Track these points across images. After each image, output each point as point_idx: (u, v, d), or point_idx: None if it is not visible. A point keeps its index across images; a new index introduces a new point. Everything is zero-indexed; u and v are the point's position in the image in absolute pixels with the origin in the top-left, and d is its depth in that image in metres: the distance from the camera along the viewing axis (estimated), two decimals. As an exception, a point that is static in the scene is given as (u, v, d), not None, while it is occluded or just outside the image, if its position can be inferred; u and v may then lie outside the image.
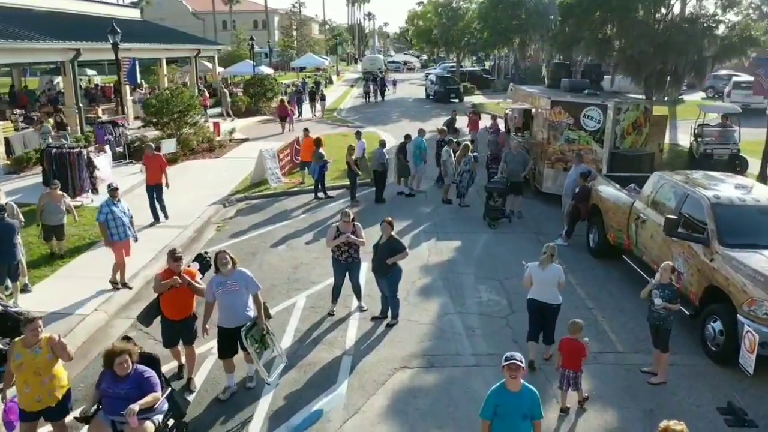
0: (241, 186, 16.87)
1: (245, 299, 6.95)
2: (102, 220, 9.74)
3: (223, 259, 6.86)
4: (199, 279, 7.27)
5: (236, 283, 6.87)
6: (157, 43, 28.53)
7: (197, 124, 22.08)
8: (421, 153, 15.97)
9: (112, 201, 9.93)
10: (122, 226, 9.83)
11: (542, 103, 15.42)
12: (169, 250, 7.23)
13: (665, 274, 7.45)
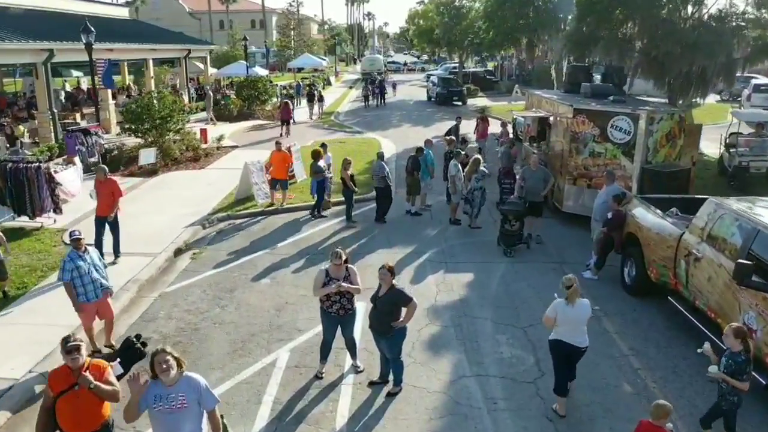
0: (224, 202, 15.13)
1: (195, 421, 4.79)
2: (66, 279, 7.69)
3: (162, 363, 4.64)
4: (113, 376, 5.13)
5: (183, 397, 4.70)
6: (142, 43, 26.76)
7: (181, 131, 20.35)
8: (427, 167, 14.24)
9: (76, 253, 7.81)
10: (91, 284, 7.79)
11: (562, 111, 13.69)
12: (62, 339, 4.97)
13: (732, 341, 5.83)
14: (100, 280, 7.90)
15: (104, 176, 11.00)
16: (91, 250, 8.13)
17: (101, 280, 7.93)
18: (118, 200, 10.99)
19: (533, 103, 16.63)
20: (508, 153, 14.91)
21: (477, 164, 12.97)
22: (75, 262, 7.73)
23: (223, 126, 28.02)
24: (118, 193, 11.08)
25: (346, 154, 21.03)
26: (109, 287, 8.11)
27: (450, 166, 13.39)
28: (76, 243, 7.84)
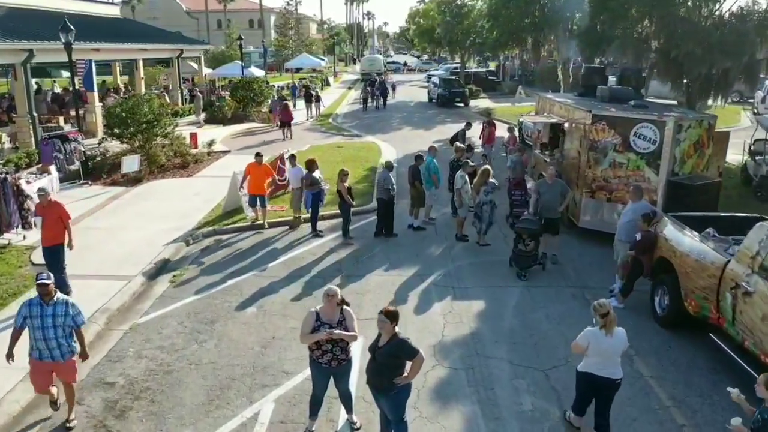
0: (211, 215, 13.98)
1: None
2: (18, 325, 6.30)
3: None
4: None
5: None
6: (131, 43, 25.59)
7: (169, 135, 19.19)
8: (431, 176, 13.09)
9: (39, 301, 6.25)
10: (50, 341, 6.21)
11: (579, 117, 12.54)
12: None
13: (764, 391, 4.90)
14: (62, 339, 6.27)
15: (47, 200, 9.34)
16: (62, 300, 6.36)
17: (65, 345, 6.32)
18: (67, 224, 9.39)
19: (544, 107, 15.48)
20: (519, 162, 13.77)
21: (486, 176, 11.81)
22: (31, 308, 6.22)
23: (216, 129, 26.87)
24: (66, 216, 9.37)
25: (344, 160, 20.01)
26: (75, 350, 6.49)
27: (456, 177, 12.22)
28: (42, 290, 6.22)
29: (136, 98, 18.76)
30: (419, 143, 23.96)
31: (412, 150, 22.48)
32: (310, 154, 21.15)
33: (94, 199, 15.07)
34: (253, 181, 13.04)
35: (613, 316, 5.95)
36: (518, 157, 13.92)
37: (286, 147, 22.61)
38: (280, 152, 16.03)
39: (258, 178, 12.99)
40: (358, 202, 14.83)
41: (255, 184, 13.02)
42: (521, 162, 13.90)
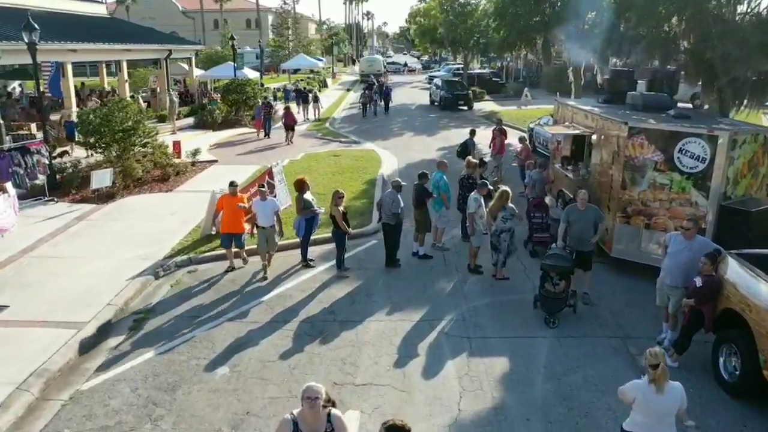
0: (188, 239, 12.25)
1: None
2: None
3: None
4: None
5: None
6: (114, 43, 23.86)
7: (148, 144, 17.46)
8: (440, 195, 11.40)
9: None
10: None
11: (611, 129, 10.82)
12: None
13: None
14: None
15: None
16: None
17: None
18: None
19: (564, 115, 13.76)
20: (540, 180, 12.05)
21: (505, 199, 10.08)
22: None
23: (204, 135, 25.17)
24: None
25: (340, 171, 18.31)
26: None
27: (469, 200, 10.48)
28: None
29: (111, 104, 16.99)
30: (422, 150, 22.28)
31: (415, 159, 20.82)
32: (304, 163, 19.53)
33: (57, 220, 13.35)
34: (227, 217, 10.66)
35: (664, 370, 5.09)
36: (539, 174, 12.19)
37: (280, 155, 20.96)
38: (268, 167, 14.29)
39: (233, 214, 10.60)
40: (355, 223, 13.14)
41: (229, 221, 10.61)
42: (542, 179, 12.19)
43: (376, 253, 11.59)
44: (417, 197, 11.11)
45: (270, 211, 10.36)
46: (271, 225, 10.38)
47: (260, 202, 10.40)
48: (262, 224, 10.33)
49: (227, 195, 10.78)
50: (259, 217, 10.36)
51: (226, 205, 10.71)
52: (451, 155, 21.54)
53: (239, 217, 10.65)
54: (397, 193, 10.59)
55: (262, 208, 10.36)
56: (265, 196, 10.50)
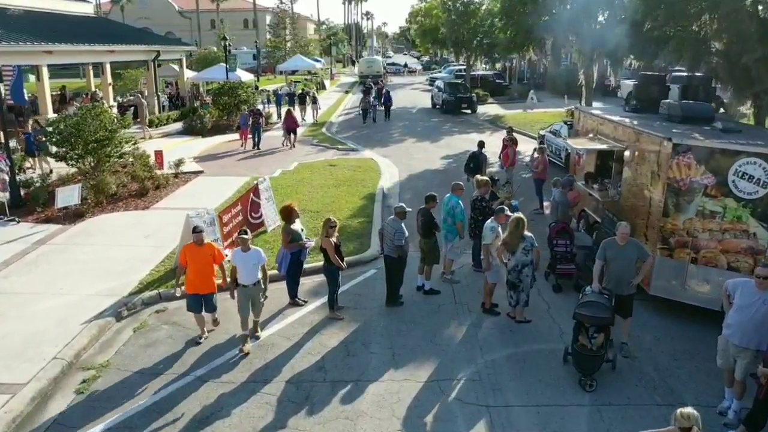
0: (161, 269, 10.72)
1: None
2: None
3: None
4: None
5: None
6: (96, 44, 22.32)
7: (125, 156, 15.95)
8: (455, 223, 9.86)
9: None
10: None
11: (650, 144, 9.28)
12: None
13: None
14: None
15: None
16: None
17: None
18: None
19: (588, 126, 12.22)
20: (564, 202, 10.50)
21: (521, 227, 8.53)
22: None
23: (193, 142, 23.67)
24: None
25: (336, 184, 16.76)
26: None
27: (485, 229, 8.93)
28: None
29: (83, 111, 15.45)
30: (424, 159, 20.76)
31: (417, 169, 19.29)
32: (297, 174, 18.00)
33: (14, 245, 11.82)
34: (193, 274, 8.11)
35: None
36: (562, 196, 10.64)
37: (271, 165, 19.46)
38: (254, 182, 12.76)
39: (201, 269, 8.10)
40: (351, 247, 11.64)
41: (197, 279, 8.10)
42: (566, 203, 10.63)
43: (376, 286, 10.06)
44: (423, 225, 9.56)
45: (254, 264, 8.04)
46: (255, 282, 8.05)
47: (241, 254, 8.03)
48: (245, 281, 7.98)
49: (192, 245, 8.16)
50: (241, 272, 7.99)
51: (192, 257, 8.09)
52: (456, 165, 20.11)
53: (209, 273, 8.19)
54: (400, 221, 9.03)
55: (244, 261, 7.99)
56: (247, 245, 8.07)
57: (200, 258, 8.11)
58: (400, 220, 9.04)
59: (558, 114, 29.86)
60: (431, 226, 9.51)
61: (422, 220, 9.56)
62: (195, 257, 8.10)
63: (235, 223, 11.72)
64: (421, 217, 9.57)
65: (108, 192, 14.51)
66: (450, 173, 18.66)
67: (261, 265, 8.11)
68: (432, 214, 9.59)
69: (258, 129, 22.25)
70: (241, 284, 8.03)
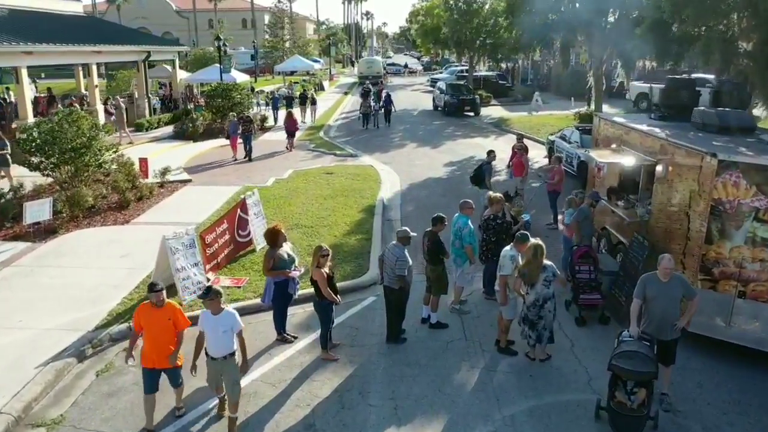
0: (134, 296, 9.57)
1: None
2: None
3: None
4: None
5: None
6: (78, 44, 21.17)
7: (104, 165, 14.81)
8: (463, 245, 8.72)
9: None
10: None
11: (688, 159, 8.13)
12: None
13: None
14: None
15: None
16: None
17: None
18: None
19: (610, 135, 11.05)
20: (587, 217, 9.35)
21: (540, 254, 7.38)
22: None
23: (183, 147, 22.53)
24: None
25: (333, 194, 15.57)
26: None
27: (503, 258, 7.75)
28: None
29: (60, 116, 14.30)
30: (427, 166, 19.63)
31: (419, 177, 18.14)
32: (290, 183, 16.84)
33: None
34: (148, 342, 6.29)
35: None
36: (587, 210, 9.48)
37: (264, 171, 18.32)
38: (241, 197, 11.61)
39: (158, 336, 6.23)
40: (348, 269, 10.51)
41: (152, 350, 6.27)
42: (589, 217, 9.48)
43: (375, 318, 8.93)
44: (430, 250, 8.40)
45: (225, 331, 6.14)
46: (227, 354, 6.20)
47: (210, 316, 6.14)
48: (214, 353, 6.19)
49: (148, 306, 6.31)
50: (209, 340, 6.18)
51: (148, 322, 6.23)
52: (460, 172, 18.96)
53: (168, 342, 6.25)
54: (403, 247, 7.87)
55: (214, 326, 6.12)
56: (218, 305, 6.12)
57: (158, 323, 6.19)
58: (402, 247, 7.88)
59: (564, 117, 28.71)
60: (439, 252, 8.35)
61: (429, 245, 8.40)
62: (151, 322, 6.21)
63: (221, 243, 10.60)
64: (428, 242, 8.41)
65: (84, 205, 13.35)
66: (454, 182, 17.55)
67: (237, 332, 6.21)
68: (440, 238, 8.44)
69: (248, 138, 20.39)
70: (210, 356, 6.23)
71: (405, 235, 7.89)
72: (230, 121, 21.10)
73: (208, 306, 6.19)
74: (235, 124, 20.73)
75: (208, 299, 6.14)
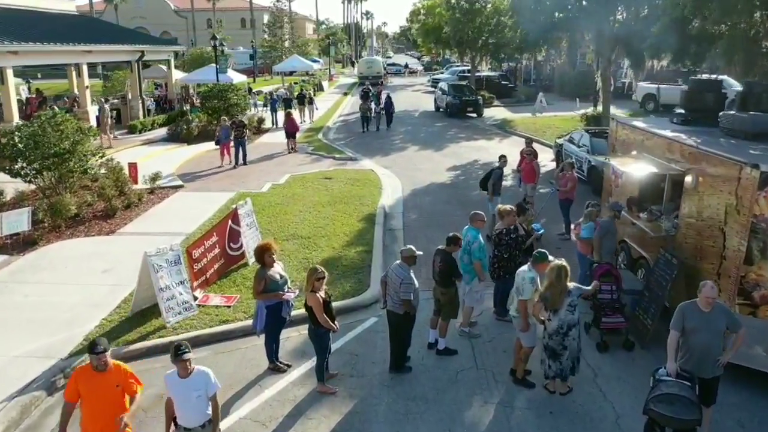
0: (113, 318, 8.78)
1: None
2: None
3: None
4: None
5: None
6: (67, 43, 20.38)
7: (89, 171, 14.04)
8: (472, 261, 7.95)
9: None
10: None
11: (723, 170, 7.35)
12: None
13: None
14: None
15: None
16: None
17: None
18: None
19: (630, 141, 10.26)
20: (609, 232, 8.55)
21: (564, 276, 6.60)
22: None
23: (177, 150, 21.75)
24: None
25: (331, 202, 14.74)
26: None
27: (519, 278, 6.94)
28: None
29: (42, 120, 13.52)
30: (430, 171, 18.85)
31: (422, 182, 17.35)
32: (287, 189, 16.05)
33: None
34: (87, 414, 5.10)
35: None
36: (610, 224, 8.69)
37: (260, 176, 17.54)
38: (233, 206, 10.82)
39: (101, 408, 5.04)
40: (348, 287, 9.73)
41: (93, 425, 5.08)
42: (614, 233, 8.68)
43: (377, 342, 8.15)
44: (442, 271, 7.60)
45: (199, 396, 5.10)
46: (205, 422, 5.19)
47: (178, 381, 5.11)
48: (186, 422, 5.16)
49: (87, 369, 5.13)
50: (180, 408, 5.14)
51: (88, 390, 5.04)
52: (464, 177, 18.19)
53: (114, 413, 4.99)
54: (408, 268, 7.09)
55: (184, 391, 5.09)
56: (187, 367, 5.07)
57: (101, 390, 5.01)
58: (408, 267, 7.10)
59: (570, 119, 27.96)
60: (452, 274, 7.56)
61: (441, 266, 7.60)
62: (93, 390, 5.01)
63: (210, 258, 9.81)
64: (440, 262, 7.61)
65: (67, 214, 12.56)
66: (458, 187, 16.78)
67: (210, 396, 5.16)
68: (454, 258, 7.64)
69: (242, 143, 19.21)
70: (181, 426, 5.18)
71: (410, 255, 7.11)
72: (221, 126, 19.58)
73: (177, 367, 5.06)
74: (227, 129, 19.30)
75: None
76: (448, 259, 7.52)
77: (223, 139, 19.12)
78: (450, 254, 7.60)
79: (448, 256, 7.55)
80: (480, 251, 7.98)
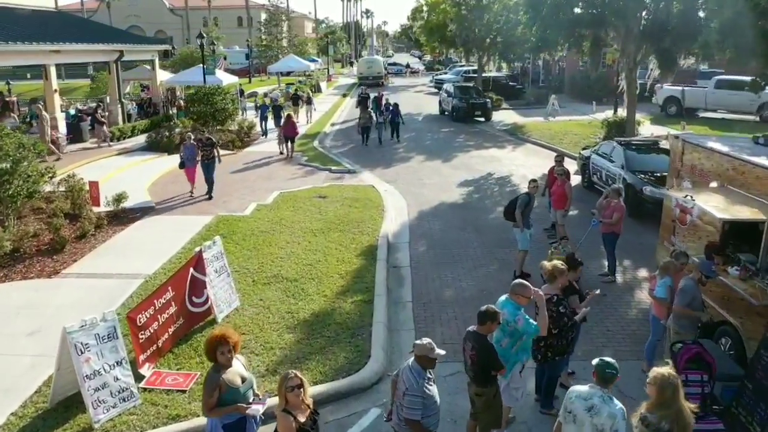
0: (27, 409, 6.54)
1: None
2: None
3: None
4: None
5: None
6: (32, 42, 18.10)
7: (35, 195, 11.79)
8: (513, 345, 5.70)
9: None
10: None
11: None
12: None
13: None
14: None
15: None
16: None
17: None
18: None
19: (703, 167, 8.00)
20: (695, 296, 6.30)
21: (676, 394, 4.31)
22: None
23: (156, 161, 19.49)
24: None
25: (325, 228, 12.21)
26: None
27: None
28: None
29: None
30: (438, 186, 16.62)
31: (431, 201, 15.05)
32: (273, 212, 13.75)
33: None
34: None
35: None
36: (693, 286, 6.42)
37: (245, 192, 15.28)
38: (196, 249, 8.53)
39: None
40: (339, 361, 7.48)
41: None
42: (698, 296, 6.42)
43: (380, 453, 5.90)
44: (479, 363, 5.31)
45: None
46: None
47: None
48: None
49: None
50: None
51: None
52: (479, 195, 15.92)
53: None
54: (422, 372, 4.82)
55: None
56: None
57: None
58: (422, 371, 4.83)
59: (587, 124, 25.72)
60: (491, 366, 5.28)
61: (474, 354, 5.31)
62: None
63: (164, 320, 7.55)
64: (472, 350, 5.32)
65: (1, 250, 10.30)
66: (472, 208, 14.53)
67: None
68: (492, 345, 5.38)
69: (210, 167, 15.04)
70: None
71: (424, 354, 4.81)
72: (185, 146, 15.38)
73: None
74: (191, 149, 15.13)
75: None
76: (484, 344, 5.23)
77: (188, 163, 15.11)
78: (485, 337, 5.34)
79: (484, 341, 5.27)
80: (528, 325, 5.71)
